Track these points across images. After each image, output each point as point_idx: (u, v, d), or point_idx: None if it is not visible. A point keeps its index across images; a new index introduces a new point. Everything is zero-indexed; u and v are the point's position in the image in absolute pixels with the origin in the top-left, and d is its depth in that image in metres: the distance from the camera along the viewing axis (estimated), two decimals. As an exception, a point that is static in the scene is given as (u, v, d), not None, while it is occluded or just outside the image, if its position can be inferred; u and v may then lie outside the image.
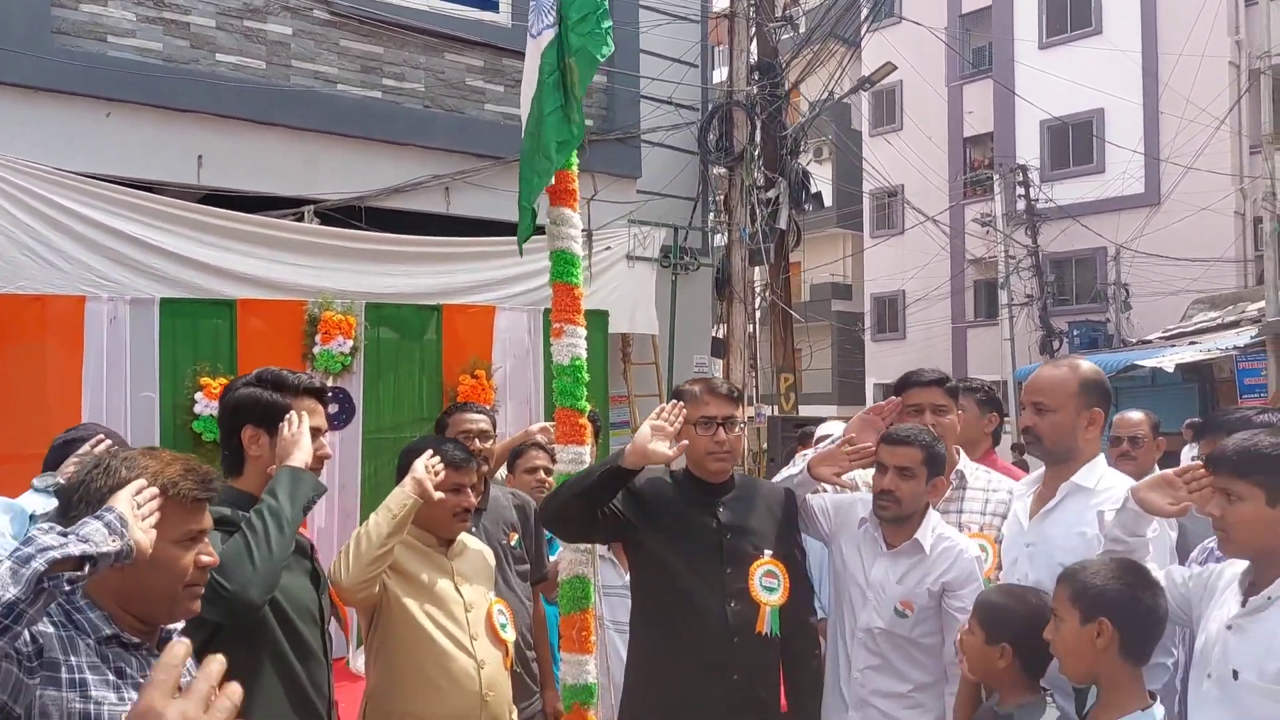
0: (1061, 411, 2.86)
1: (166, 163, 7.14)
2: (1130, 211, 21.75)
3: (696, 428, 2.95)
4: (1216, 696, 2.22)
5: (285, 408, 2.40)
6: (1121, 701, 2.33)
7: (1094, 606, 2.32)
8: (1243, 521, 2.23)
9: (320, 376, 6.77)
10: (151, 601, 1.80)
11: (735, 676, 2.86)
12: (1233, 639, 2.23)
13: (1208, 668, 2.26)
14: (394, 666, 2.89)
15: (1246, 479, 2.22)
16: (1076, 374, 2.90)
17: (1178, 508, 2.41)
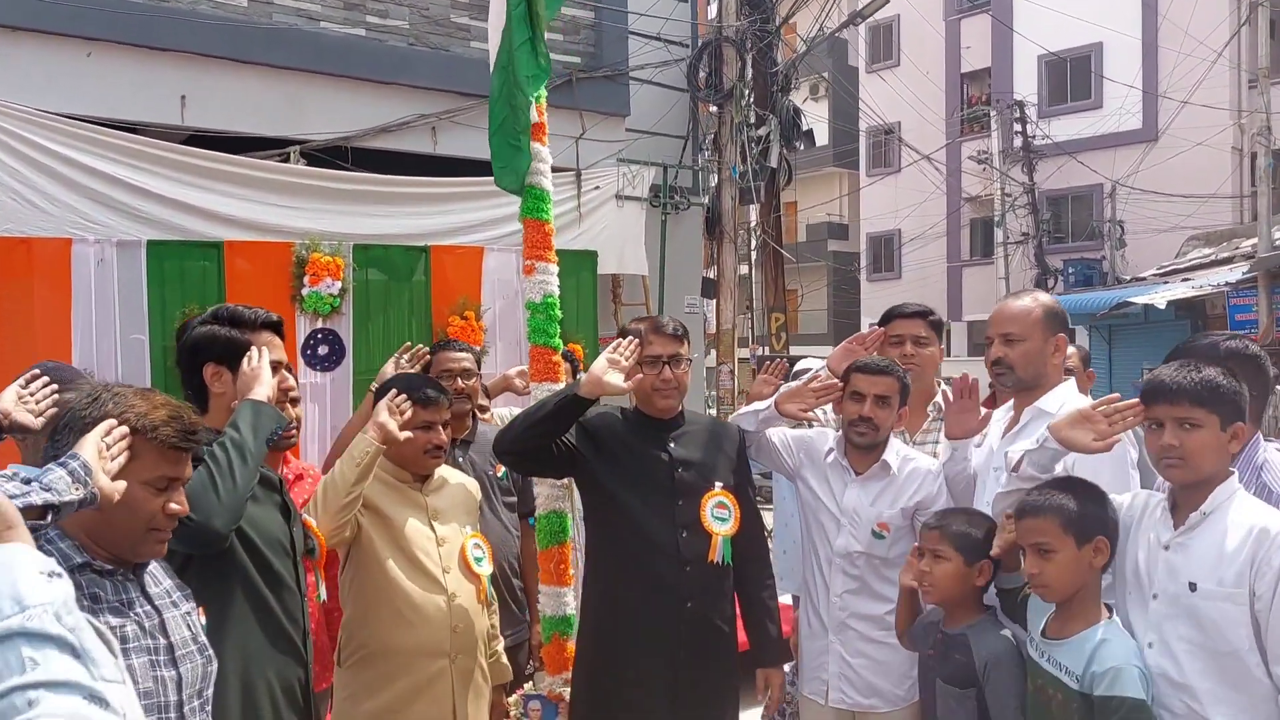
0: (1030, 340, 2.96)
1: (149, 103, 7.08)
2: (1127, 148, 21.61)
3: (644, 366, 3.01)
4: (1168, 612, 2.32)
5: (245, 343, 2.44)
6: (1085, 613, 2.41)
7: (1090, 528, 2.39)
8: (1204, 448, 2.29)
9: (310, 318, 6.91)
10: (115, 539, 1.85)
11: (689, 604, 2.94)
12: (1175, 557, 2.33)
13: (1151, 588, 2.36)
14: (365, 599, 2.97)
15: (1204, 406, 2.28)
16: (1039, 303, 3.02)
17: (1103, 443, 2.45)
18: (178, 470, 1.90)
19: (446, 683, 2.98)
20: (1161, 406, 2.33)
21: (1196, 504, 2.32)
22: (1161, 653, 2.31)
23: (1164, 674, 2.30)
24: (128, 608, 1.84)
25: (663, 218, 9.14)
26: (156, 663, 1.84)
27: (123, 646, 1.78)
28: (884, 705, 3.08)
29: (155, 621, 1.88)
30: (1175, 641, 2.29)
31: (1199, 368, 2.34)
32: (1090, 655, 2.33)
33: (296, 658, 2.43)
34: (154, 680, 1.82)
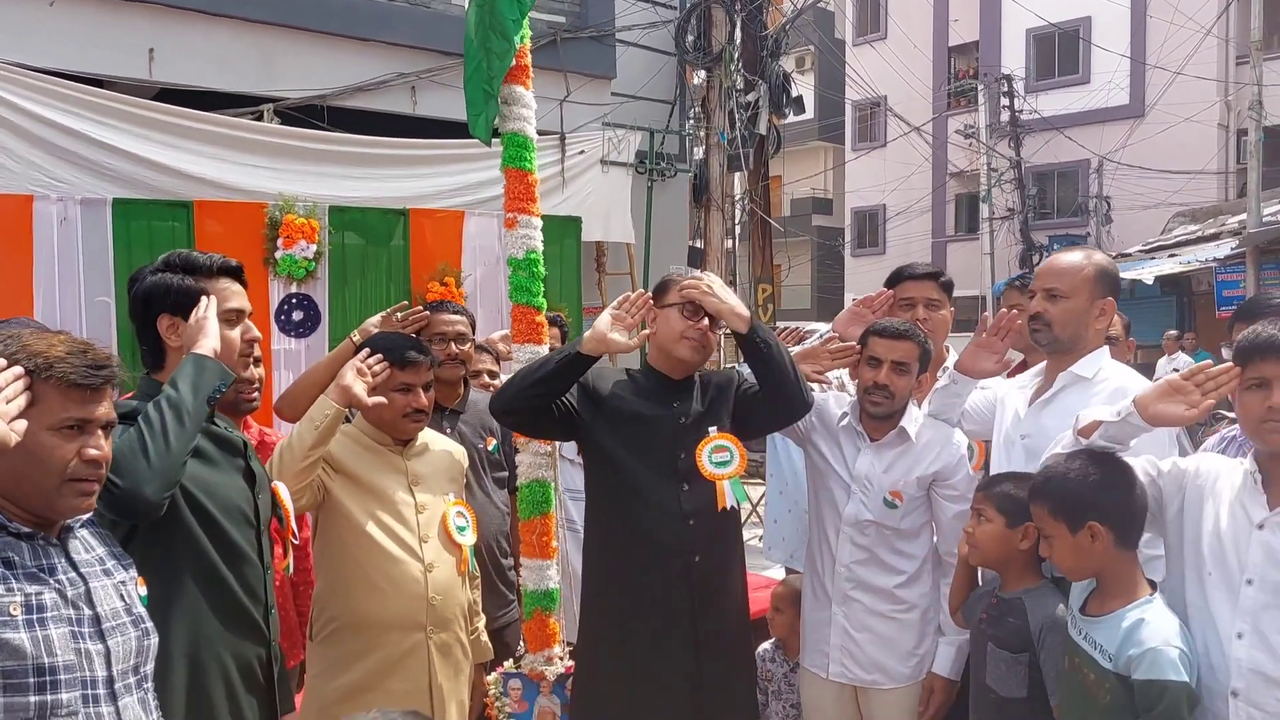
0: (1075, 298, 2.75)
1: (115, 57, 6.80)
2: (1114, 123, 21.52)
3: (682, 311, 2.79)
4: (1267, 601, 2.11)
5: (200, 291, 2.21)
6: (1124, 591, 2.25)
7: (1078, 515, 2.23)
8: None
9: (284, 282, 6.68)
10: (28, 494, 1.66)
11: (697, 558, 2.75)
12: (1275, 539, 2.12)
13: (1244, 573, 2.14)
14: (336, 569, 2.77)
15: None
16: (1092, 260, 2.81)
17: (1196, 412, 2.25)
18: (87, 410, 1.70)
19: (422, 657, 2.80)
20: (1269, 363, 2.10)
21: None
22: (1256, 644, 2.11)
23: (1258, 668, 2.10)
24: (47, 574, 1.65)
25: (649, 184, 8.93)
26: (80, 634, 1.65)
27: (39, 616, 1.59)
28: (886, 682, 2.91)
29: (80, 590, 1.68)
30: (1275, 634, 2.09)
31: None
32: (1125, 635, 2.16)
33: (256, 636, 2.22)
34: (76, 653, 1.62)
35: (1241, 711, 2.11)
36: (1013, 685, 2.44)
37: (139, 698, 1.76)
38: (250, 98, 7.25)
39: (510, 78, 3.13)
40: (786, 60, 25.27)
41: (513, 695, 3.16)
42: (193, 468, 2.11)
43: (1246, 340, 2.19)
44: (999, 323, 2.86)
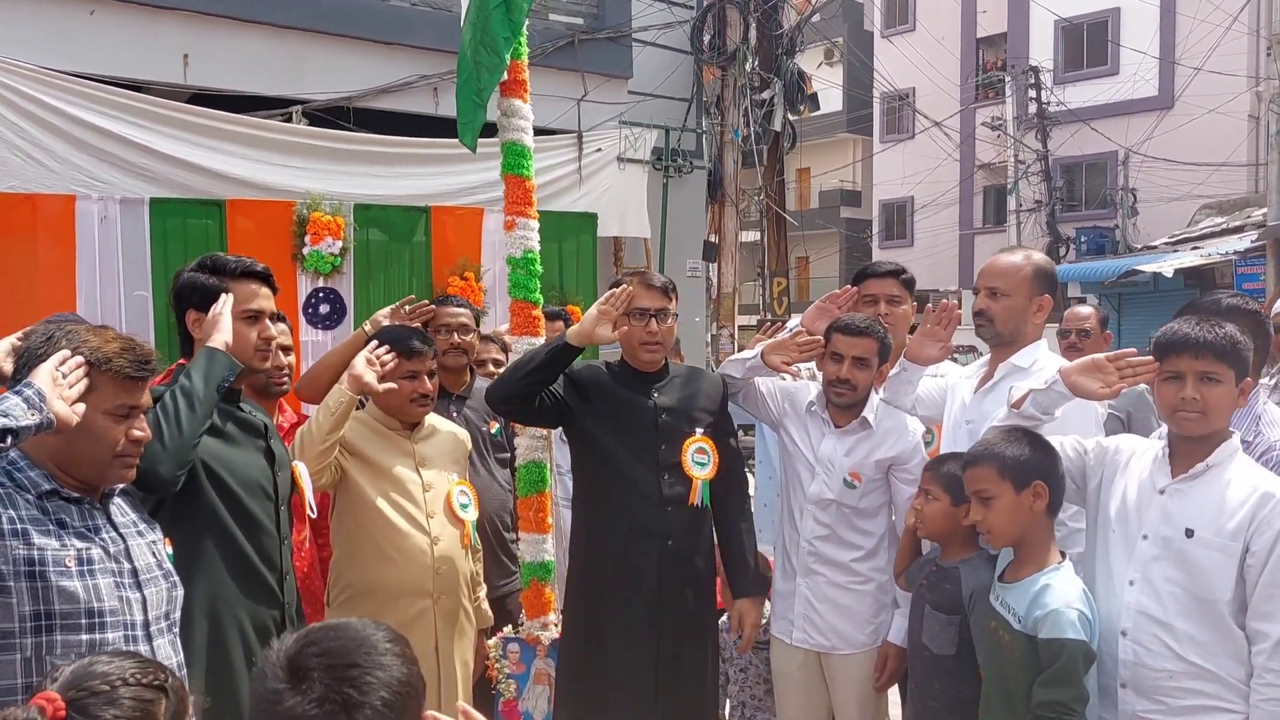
0: (1015, 296, 3.02)
1: (152, 62, 7.14)
2: (1142, 115, 21.40)
3: (631, 318, 3.08)
4: (1156, 554, 2.39)
5: (220, 290, 2.50)
6: (1036, 558, 2.51)
7: (1026, 473, 2.49)
8: (1223, 401, 2.36)
9: (311, 277, 6.99)
10: (83, 466, 1.96)
11: (670, 542, 3.06)
12: (1171, 502, 2.40)
13: (1141, 529, 2.43)
14: (351, 541, 3.07)
15: (1225, 361, 2.34)
16: (1030, 261, 3.08)
17: (1109, 390, 2.54)
18: (135, 399, 2.00)
19: (429, 622, 3.09)
20: (1184, 359, 2.37)
21: (1197, 455, 2.39)
22: (1144, 590, 2.40)
23: (1145, 611, 2.38)
24: (94, 533, 1.95)
25: (664, 181, 9.16)
26: (121, 584, 1.94)
27: (89, 567, 1.89)
28: (845, 647, 3.17)
29: (120, 547, 1.98)
30: (1161, 582, 2.38)
31: (1221, 323, 2.39)
32: (1033, 599, 2.43)
33: (271, 600, 2.51)
34: (120, 600, 1.92)
35: (1129, 648, 2.39)
36: (944, 643, 2.71)
37: (169, 640, 2.07)
38: (280, 100, 7.55)
39: (509, 91, 3.39)
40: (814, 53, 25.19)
41: (511, 658, 3.44)
42: (215, 446, 2.42)
43: (1164, 337, 2.44)
44: (941, 313, 3.10)
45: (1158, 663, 2.36)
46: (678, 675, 3.09)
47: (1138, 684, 2.38)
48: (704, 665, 3.17)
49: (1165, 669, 2.35)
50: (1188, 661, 2.33)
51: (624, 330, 3.08)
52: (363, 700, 1.34)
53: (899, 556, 3.08)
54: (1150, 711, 2.37)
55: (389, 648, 1.42)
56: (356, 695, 1.35)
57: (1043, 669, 2.36)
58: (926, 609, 2.78)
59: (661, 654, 3.05)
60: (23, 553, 1.81)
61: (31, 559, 1.82)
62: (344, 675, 1.36)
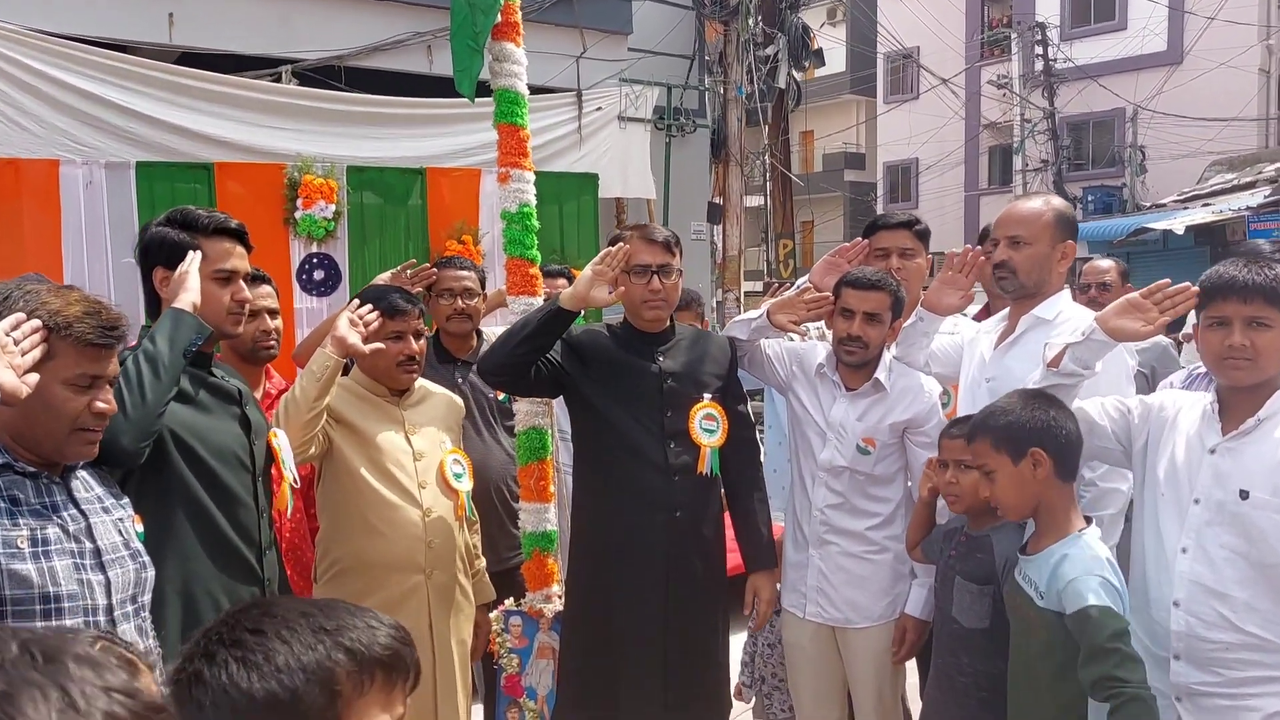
0: (1038, 244, 2.83)
1: (136, 22, 6.92)
2: (1150, 71, 21.05)
3: (632, 275, 2.90)
4: (1210, 518, 2.23)
5: (190, 247, 2.32)
6: (1059, 524, 2.34)
7: (1021, 441, 2.32)
8: (1274, 347, 2.19)
9: (304, 242, 6.81)
10: (39, 441, 1.79)
11: (678, 513, 2.88)
12: (1223, 462, 2.24)
13: (1193, 492, 2.27)
14: (338, 514, 2.91)
15: (1275, 305, 2.17)
16: (1050, 206, 2.88)
17: (1152, 327, 2.38)
18: (99, 367, 1.82)
19: (422, 598, 2.93)
20: (1231, 304, 2.20)
21: (1249, 409, 2.23)
22: (1197, 558, 2.24)
23: (1198, 580, 2.23)
24: (51, 510, 1.78)
25: (667, 140, 8.94)
26: (82, 565, 1.78)
27: (45, 548, 1.73)
28: (860, 620, 3.02)
29: (81, 525, 1.82)
30: (1215, 548, 2.22)
31: (1270, 264, 2.22)
32: (1052, 571, 2.27)
33: (249, 577, 2.34)
34: (79, 583, 1.76)
35: (1181, 620, 2.23)
36: (976, 616, 2.54)
37: (136, 625, 1.90)
38: (268, 60, 7.35)
39: (501, 35, 3.19)
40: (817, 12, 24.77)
41: (514, 632, 3.30)
42: (185, 415, 2.24)
43: (1209, 280, 2.27)
44: (965, 259, 2.91)
45: (1213, 634, 2.21)
46: (686, 649, 2.93)
47: (1192, 655, 2.23)
48: (714, 639, 3.01)
49: (1221, 640, 2.20)
50: (1245, 632, 2.18)
51: (623, 290, 2.89)
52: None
53: (912, 528, 2.90)
54: (1205, 684, 2.22)
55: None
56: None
57: (1077, 648, 2.20)
58: (957, 580, 2.60)
59: (669, 628, 2.89)
60: None
61: None
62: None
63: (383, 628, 1.14)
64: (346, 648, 1.09)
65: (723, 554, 3.06)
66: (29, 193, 6.08)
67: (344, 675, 1.08)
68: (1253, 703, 2.18)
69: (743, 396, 3.17)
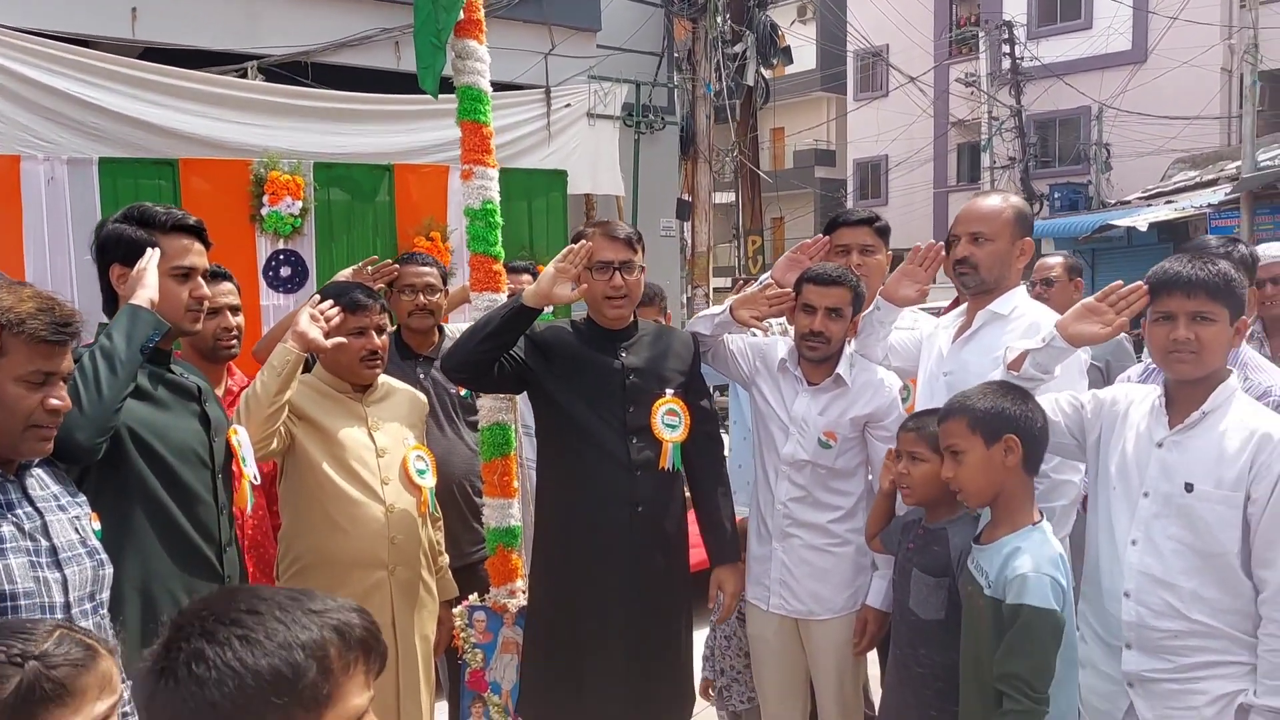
0: (999, 240, 2.90)
1: (98, 17, 6.86)
2: (1115, 69, 21.32)
3: (594, 272, 2.91)
4: (1157, 511, 2.29)
5: (148, 244, 2.31)
6: (1015, 517, 2.38)
7: (997, 426, 2.36)
8: (1218, 341, 2.25)
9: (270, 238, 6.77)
10: None
11: (640, 508, 2.90)
12: (1170, 455, 2.29)
13: (1142, 486, 2.32)
14: (300, 511, 2.90)
15: (1218, 300, 2.23)
16: (1010, 204, 2.95)
17: (1111, 329, 2.43)
18: (53, 364, 1.82)
19: (385, 594, 2.93)
20: (1175, 299, 2.26)
21: (1195, 402, 2.28)
22: (1146, 550, 2.29)
23: (1147, 571, 2.28)
24: (5, 509, 1.78)
25: (636, 137, 8.97)
26: (38, 564, 1.78)
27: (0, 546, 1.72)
28: (822, 612, 3.05)
29: (37, 523, 1.81)
30: (1162, 540, 2.27)
31: (1213, 260, 2.28)
32: (1003, 562, 2.31)
33: (209, 574, 2.34)
34: (35, 580, 1.76)
35: (1132, 610, 2.29)
36: (932, 608, 2.58)
37: (94, 623, 1.90)
38: (234, 55, 7.30)
39: (463, 32, 3.20)
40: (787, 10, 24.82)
41: (478, 627, 3.31)
42: (143, 412, 2.24)
43: (1155, 276, 2.32)
44: (925, 253, 2.96)
45: (1162, 623, 2.27)
46: (650, 643, 2.95)
47: (1142, 644, 2.29)
48: (677, 633, 3.03)
49: (1170, 629, 2.26)
50: (1193, 620, 2.24)
51: (585, 288, 2.90)
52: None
53: (871, 519, 2.94)
54: (1156, 670, 2.28)
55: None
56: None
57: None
58: (914, 572, 2.64)
59: (632, 622, 2.91)
60: None
61: None
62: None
63: (355, 613, 1.18)
64: (335, 627, 1.13)
65: (686, 549, 3.09)
66: (-11, 189, 6.01)
67: (335, 654, 1.12)
68: (1201, 685, 2.24)
69: (706, 392, 3.19)
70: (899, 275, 2.99)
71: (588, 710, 2.93)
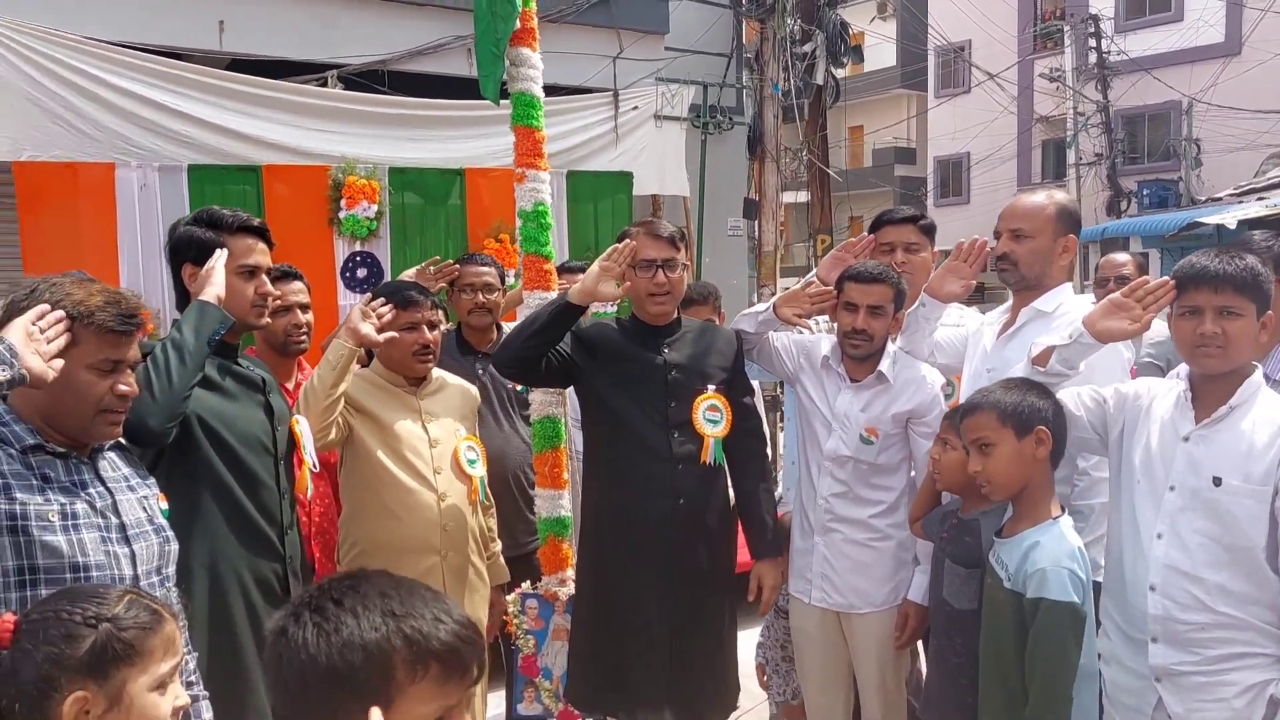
0: (1039, 237, 2.91)
1: (189, 29, 7.18)
2: (1206, 62, 20.64)
3: (637, 270, 3.01)
4: (1184, 504, 2.30)
5: (216, 244, 2.49)
6: (1037, 510, 2.42)
7: (1028, 419, 2.41)
8: (1245, 335, 2.26)
9: (347, 240, 7.03)
10: (67, 422, 1.95)
11: (681, 500, 2.98)
12: (1197, 449, 2.31)
13: (1168, 480, 2.34)
14: (358, 498, 3.07)
15: (1245, 294, 2.25)
16: (1053, 200, 2.97)
17: (1139, 325, 2.45)
18: (120, 353, 1.98)
19: (438, 579, 3.07)
20: (1202, 293, 2.28)
21: (1221, 396, 2.30)
22: (1172, 544, 2.31)
23: (1173, 565, 2.30)
24: (79, 488, 1.94)
25: (703, 138, 9.02)
26: (108, 539, 1.94)
27: (74, 522, 1.89)
28: (863, 606, 3.10)
29: (108, 502, 1.98)
30: (1189, 534, 2.29)
31: (1241, 255, 2.30)
32: (1023, 556, 2.35)
33: (271, 554, 2.51)
34: (106, 554, 1.92)
35: (1158, 604, 2.30)
36: (965, 598, 2.63)
37: (161, 595, 2.06)
38: (315, 65, 7.56)
39: (517, 40, 3.33)
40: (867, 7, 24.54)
41: (530, 613, 3.44)
42: (212, 402, 2.42)
43: (1181, 270, 2.33)
44: (970, 249, 2.99)
45: (1189, 616, 2.28)
46: (693, 635, 3.03)
47: (1169, 637, 2.31)
48: (720, 626, 3.11)
49: (1196, 621, 2.27)
50: (1219, 613, 2.25)
51: (629, 285, 3.01)
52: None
53: (916, 503, 2.99)
54: (1184, 664, 2.29)
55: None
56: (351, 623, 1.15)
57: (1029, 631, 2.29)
58: (947, 563, 2.70)
59: (675, 614, 3.00)
60: (4, 507, 1.81)
61: (14, 513, 1.82)
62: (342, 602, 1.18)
63: (449, 623, 1.18)
64: (406, 635, 1.15)
65: (731, 545, 3.16)
66: (86, 195, 6.35)
67: (400, 661, 1.14)
68: (1230, 677, 2.25)
69: (749, 389, 3.27)
70: (944, 271, 3.03)
71: (630, 699, 3.03)
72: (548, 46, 3.56)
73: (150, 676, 1.52)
